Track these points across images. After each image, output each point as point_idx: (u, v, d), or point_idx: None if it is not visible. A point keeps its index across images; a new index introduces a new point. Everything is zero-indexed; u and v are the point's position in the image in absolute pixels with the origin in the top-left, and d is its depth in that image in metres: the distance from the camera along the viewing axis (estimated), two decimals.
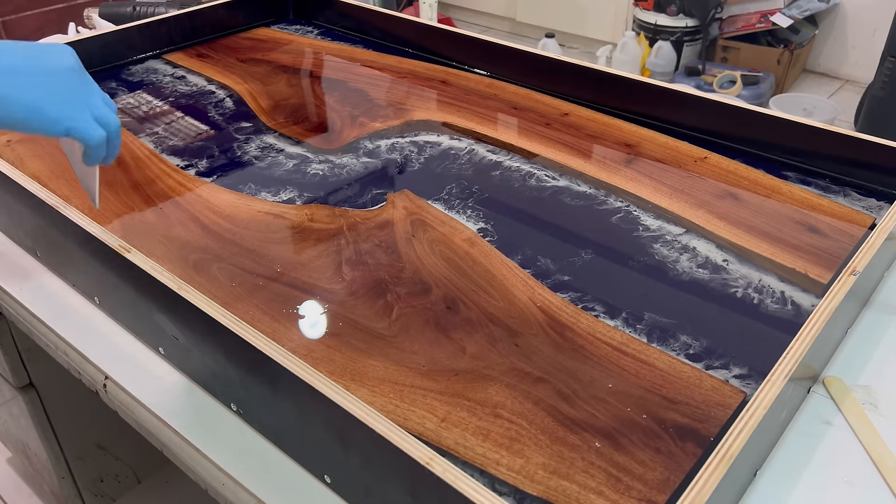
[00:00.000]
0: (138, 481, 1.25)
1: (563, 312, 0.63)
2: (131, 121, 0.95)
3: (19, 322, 0.73)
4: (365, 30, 1.21)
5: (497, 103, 0.98)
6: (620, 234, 0.73)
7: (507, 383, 0.56)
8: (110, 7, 1.51)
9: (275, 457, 0.54)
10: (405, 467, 0.42)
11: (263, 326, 0.62)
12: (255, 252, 0.71)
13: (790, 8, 2.68)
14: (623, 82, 0.92)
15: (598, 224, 0.75)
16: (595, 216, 0.76)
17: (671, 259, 0.70)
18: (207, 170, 0.85)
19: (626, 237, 0.73)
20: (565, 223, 0.75)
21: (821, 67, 2.96)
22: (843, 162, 0.80)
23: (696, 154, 0.86)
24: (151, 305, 0.59)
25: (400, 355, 0.59)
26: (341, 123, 0.95)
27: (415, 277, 0.67)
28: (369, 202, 0.79)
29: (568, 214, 0.77)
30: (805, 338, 0.51)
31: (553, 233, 0.74)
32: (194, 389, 0.60)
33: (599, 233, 0.74)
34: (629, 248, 0.71)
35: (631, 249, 0.71)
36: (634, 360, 0.58)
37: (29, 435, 1.05)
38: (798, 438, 0.54)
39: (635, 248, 0.71)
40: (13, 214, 0.75)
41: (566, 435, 0.52)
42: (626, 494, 0.48)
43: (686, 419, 0.53)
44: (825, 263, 0.68)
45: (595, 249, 0.71)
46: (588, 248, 0.71)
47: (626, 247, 0.71)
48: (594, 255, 0.70)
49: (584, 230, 0.74)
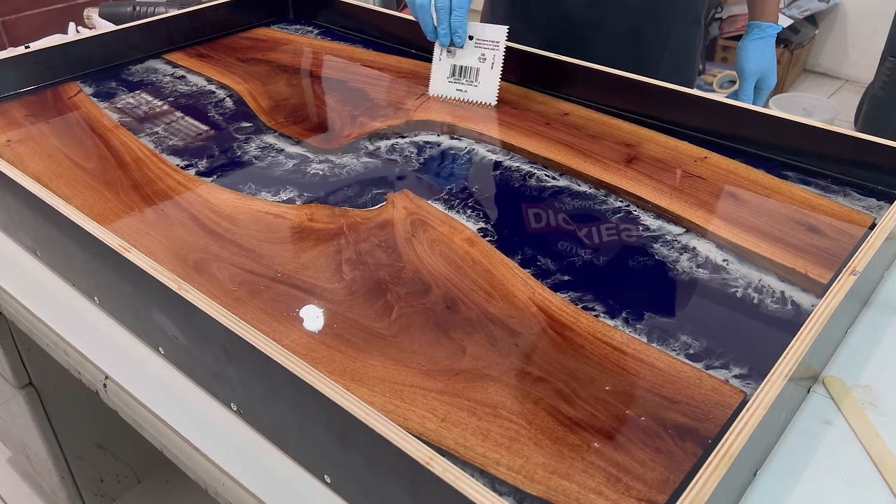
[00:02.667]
0: (138, 481, 1.25)
1: (563, 312, 0.63)
2: (131, 121, 0.95)
3: (19, 322, 0.73)
4: (365, 30, 1.21)
5: (497, 103, 0.98)
6: (620, 235, 0.73)
7: (507, 383, 0.56)
8: (110, 7, 1.51)
9: (275, 457, 0.54)
10: (405, 467, 0.42)
11: (263, 326, 0.62)
12: (254, 252, 0.71)
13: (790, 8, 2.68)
14: (623, 82, 0.92)
15: (598, 224, 0.75)
16: (595, 216, 0.76)
17: (671, 259, 0.70)
18: (207, 169, 0.85)
19: (626, 237, 0.73)
20: (565, 223, 0.75)
21: (821, 67, 2.96)
22: (843, 162, 0.80)
23: (696, 154, 0.86)
24: (151, 305, 0.59)
25: (400, 355, 0.59)
26: (341, 123, 0.95)
27: (415, 277, 0.67)
28: (369, 202, 0.79)
29: (568, 215, 0.77)
30: (805, 338, 0.51)
31: (553, 233, 0.74)
32: (194, 389, 0.60)
33: (599, 233, 0.74)
34: (629, 248, 0.71)
35: (631, 249, 0.71)
36: (634, 360, 0.58)
37: (29, 435, 1.05)
38: (798, 438, 0.54)
39: (635, 248, 0.71)
40: (13, 214, 0.75)
41: (566, 435, 0.52)
42: (626, 494, 0.48)
43: (686, 419, 0.53)
44: (825, 263, 0.68)
45: (595, 249, 0.71)
46: (588, 248, 0.71)
47: (626, 247, 0.71)
48: (594, 255, 0.70)
49: (583, 230, 0.74)
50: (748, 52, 1.06)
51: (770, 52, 1.07)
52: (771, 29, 1.06)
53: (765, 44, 1.06)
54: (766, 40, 1.06)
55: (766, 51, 1.06)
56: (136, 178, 0.83)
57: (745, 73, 1.06)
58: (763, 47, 1.06)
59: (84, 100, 1.00)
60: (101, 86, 1.04)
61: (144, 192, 0.80)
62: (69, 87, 1.04)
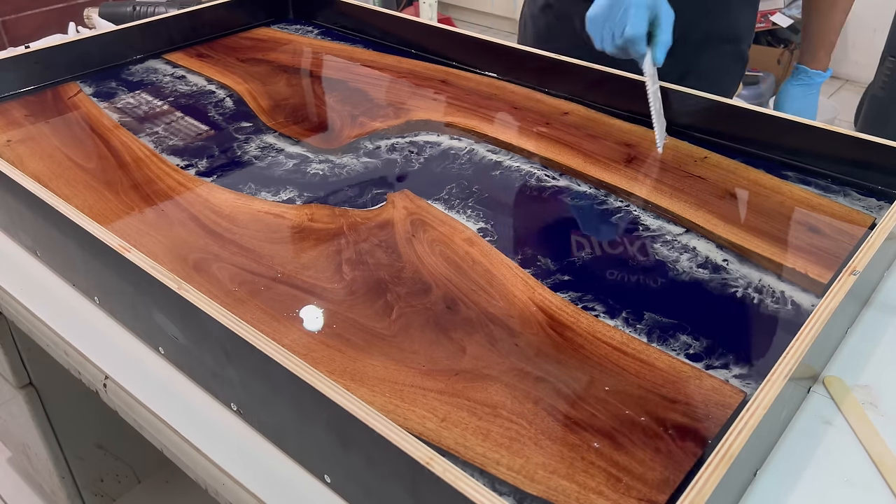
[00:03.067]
0: (138, 481, 1.25)
1: (563, 312, 0.63)
2: (131, 121, 0.95)
3: (19, 322, 0.73)
4: (365, 30, 1.21)
5: (497, 103, 0.98)
6: (620, 234, 0.73)
7: (507, 383, 0.56)
8: (110, 7, 1.51)
9: (275, 457, 0.54)
10: (405, 467, 0.42)
11: (263, 326, 0.62)
12: (254, 252, 0.71)
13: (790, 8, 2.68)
14: (623, 82, 0.92)
15: (598, 224, 0.75)
16: (595, 216, 0.76)
17: (671, 259, 0.70)
18: (207, 169, 0.85)
19: (626, 237, 0.73)
20: (565, 223, 0.75)
21: None
22: (843, 162, 0.79)
23: (696, 154, 0.86)
24: (151, 305, 0.59)
25: (400, 355, 0.59)
26: (341, 123, 0.95)
27: (415, 277, 0.67)
28: (369, 202, 0.79)
29: (568, 214, 0.77)
30: (805, 338, 0.51)
31: (553, 233, 0.74)
32: (194, 389, 0.60)
33: (599, 233, 0.74)
34: (629, 248, 0.71)
35: (631, 249, 0.71)
36: (634, 360, 0.58)
37: (29, 435, 1.05)
38: (798, 438, 0.54)
39: (635, 248, 0.71)
40: (13, 214, 0.75)
41: (566, 435, 0.52)
42: (626, 494, 0.48)
43: (686, 419, 0.53)
44: (825, 263, 0.68)
45: (595, 249, 0.71)
46: (588, 249, 0.71)
47: (626, 247, 0.71)
48: (594, 255, 0.71)
49: (584, 230, 0.74)
50: (789, 98, 1.02)
51: (812, 100, 1.02)
52: (818, 77, 1.01)
53: (808, 90, 1.02)
54: (812, 87, 1.02)
55: (807, 98, 1.02)
56: (136, 178, 0.83)
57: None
58: (805, 93, 1.02)
59: (84, 100, 1.00)
60: (101, 86, 1.04)
61: (144, 192, 0.80)
62: (69, 87, 1.04)
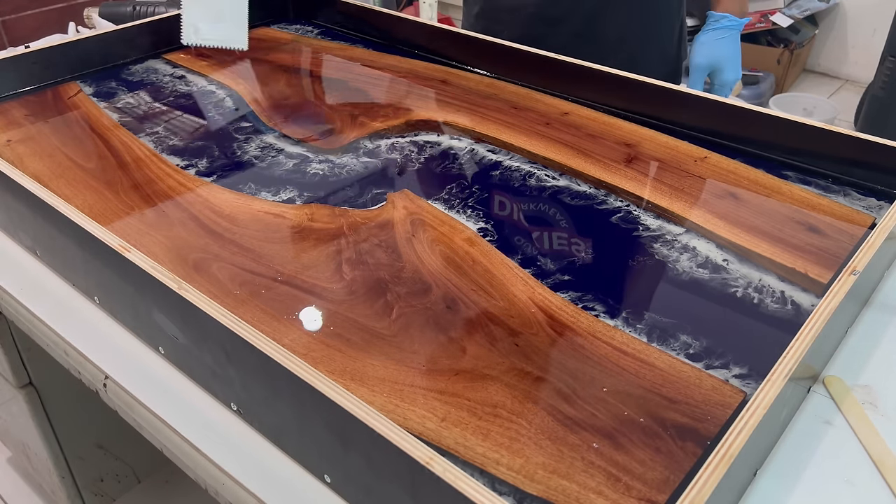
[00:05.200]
0: (138, 481, 1.25)
1: (563, 312, 0.63)
2: (131, 121, 0.95)
3: (19, 322, 0.73)
4: (365, 30, 1.21)
5: (497, 103, 0.98)
6: (620, 234, 0.73)
7: (507, 383, 0.56)
8: (110, 7, 1.51)
9: (275, 457, 0.54)
10: (405, 467, 0.42)
11: (263, 326, 0.62)
12: (254, 251, 0.71)
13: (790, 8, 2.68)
14: (623, 82, 0.92)
15: (598, 224, 0.75)
16: (595, 216, 0.76)
17: (671, 259, 0.70)
18: (207, 169, 0.85)
19: (626, 237, 0.73)
20: (565, 223, 0.75)
21: (821, 67, 2.96)
22: (843, 162, 0.79)
23: (696, 154, 0.86)
24: (151, 305, 0.59)
25: (400, 355, 0.59)
26: (341, 123, 0.95)
27: (415, 277, 0.67)
28: (369, 202, 0.79)
29: (568, 214, 0.77)
30: (805, 337, 0.51)
31: (553, 233, 0.74)
32: (194, 389, 0.60)
33: (599, 233, 0.74)
34: (629, 248, 0.71)
35: (631, 249, 0.71)
36: (634, 360, 0.58)
37: (29, 435, 1.05)
38: (798, 438, 0.54)
39: (635, 248, 0.71)
40: (13, 214, 0.75)
41: (566, 435, 0.52)
42: (626, 494, 0.48)
43: (686, 419, 0.53)
44: (825, 263, 0.68)
45: (595, 249, 0.71)
46: (588, 248, 0.71)
47: (626, 247, 0.71)
48: (594, 255, 0.71)
49: (584, 230, 0.74)
50: (698, 45, 1.00)
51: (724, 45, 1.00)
52: (727, 20, 0.99)
53: (717, 35, 1.00)
54: (720, 31, 1.00)
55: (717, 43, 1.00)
56: (136, 177, 0.83)
57: (691, 66, 1.01)
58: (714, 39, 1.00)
59: (84, 99, 1.00)
60: (101, 85, 1.04)
61: (144, 191, 0.80)
62: (69, 86, 1.04)
